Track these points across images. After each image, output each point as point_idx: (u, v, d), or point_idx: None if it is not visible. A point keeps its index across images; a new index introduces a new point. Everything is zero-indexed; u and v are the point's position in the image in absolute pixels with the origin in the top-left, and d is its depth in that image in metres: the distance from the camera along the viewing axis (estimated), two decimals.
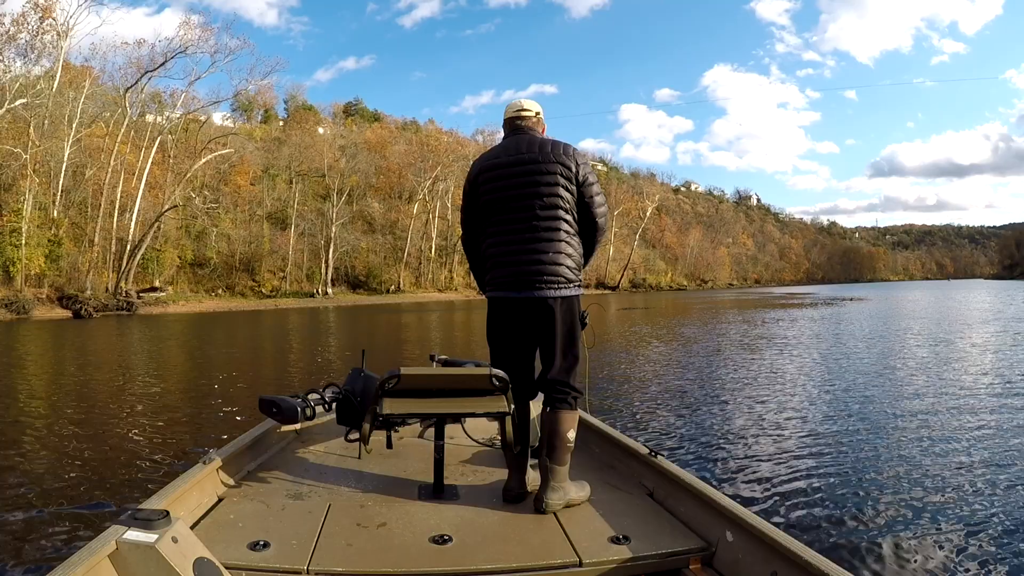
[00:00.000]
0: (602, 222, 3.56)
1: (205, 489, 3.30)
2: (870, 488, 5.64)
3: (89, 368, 15.33)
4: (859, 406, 9.25)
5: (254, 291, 62.31)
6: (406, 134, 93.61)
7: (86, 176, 49.77)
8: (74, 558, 2.11)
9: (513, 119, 3.61)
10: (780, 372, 12.70)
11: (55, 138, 45.40)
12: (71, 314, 40.04)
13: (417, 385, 3.35)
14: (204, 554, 2.33)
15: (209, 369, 14.87)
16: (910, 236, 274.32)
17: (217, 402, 10.24)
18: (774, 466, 6.34)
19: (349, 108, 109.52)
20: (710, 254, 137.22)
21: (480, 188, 3.57)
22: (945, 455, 6.66)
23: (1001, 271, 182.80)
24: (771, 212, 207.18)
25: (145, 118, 55.49)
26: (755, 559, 2.58)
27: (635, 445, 3.86)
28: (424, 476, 3.62)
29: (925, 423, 8.09)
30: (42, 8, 45.23)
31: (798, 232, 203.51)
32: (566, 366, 3.43)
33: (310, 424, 4.40)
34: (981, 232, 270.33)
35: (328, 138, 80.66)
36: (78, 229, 48.81)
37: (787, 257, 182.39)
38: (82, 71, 50.77)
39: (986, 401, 9.45)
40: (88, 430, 8.24)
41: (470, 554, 2.76)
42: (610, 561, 2.73)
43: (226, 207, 63.55)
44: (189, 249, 58.59)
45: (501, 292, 3.48)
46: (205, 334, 27.31)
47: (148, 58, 52.24)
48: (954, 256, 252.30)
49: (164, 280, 53.87)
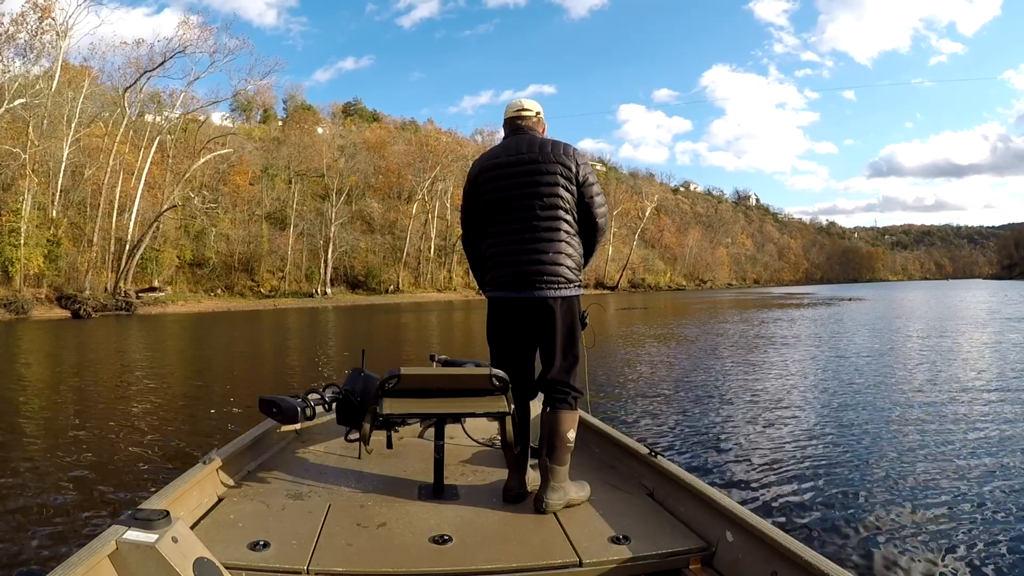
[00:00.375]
0: (602, 222, 3.56)
1: (205, 489, 3.30)
2: (870, 488, 5.63)
3: (88, 368, 15.33)
4: (859, 406, 9.25)
5: (253, 291, 62.28)
6: (405, 134, 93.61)
7: (85, 176, 49.73)
8: (74, 558, 2.11)
9: (513, 119, 3.60)
10: (779, 372, 12.70)
11: (54, 138, 45.35)
12: (70, 314, 39.99)
13: (417, 385, 3.34)
14: (204, 554, 2.33)
15: (208, 369, 14.88)
16: (909, 236, 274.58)
17: (216, 402, 10.21)
18: (774, 466, 6.34)
19: (348, 108, 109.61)
20: (709, 254, 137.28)
21: (480, 188, 3.56)
22: (946, 455, 6.66)
23: (1000, 271, 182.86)
24: (770, 212, 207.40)
25: (144, 118, 55.52)
26: (755, 559, 2.58)
27: (635, 445, 3.85)
28: (424, 476, 3.62)
29: (926, 423, 8.09)
30: (41, 8, 45.24)
31: (797, 232, 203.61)
32: (566, 366, 3.43)
33: (310, 424, 4.38)
34: (980, 232, 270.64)
35: (327, 138, 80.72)
36: (77, 229, 48.78)
37: (786, 257, 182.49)
38: (81, 71, 50.84)
39: (986, 401, 9.45)
40: (88, 430, 8.22)
41: (470, 554, 2.75)
42: (610, 561, 2.73)
43: (225, 207, 63.55)
44: (188, 249, 58.54)
45: (501, 292, 3.47)
46: (204, 334, 27.31)
47: (147, 58, 52.28)
48: (953, 256, 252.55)
49: (163, 280, 53.80)
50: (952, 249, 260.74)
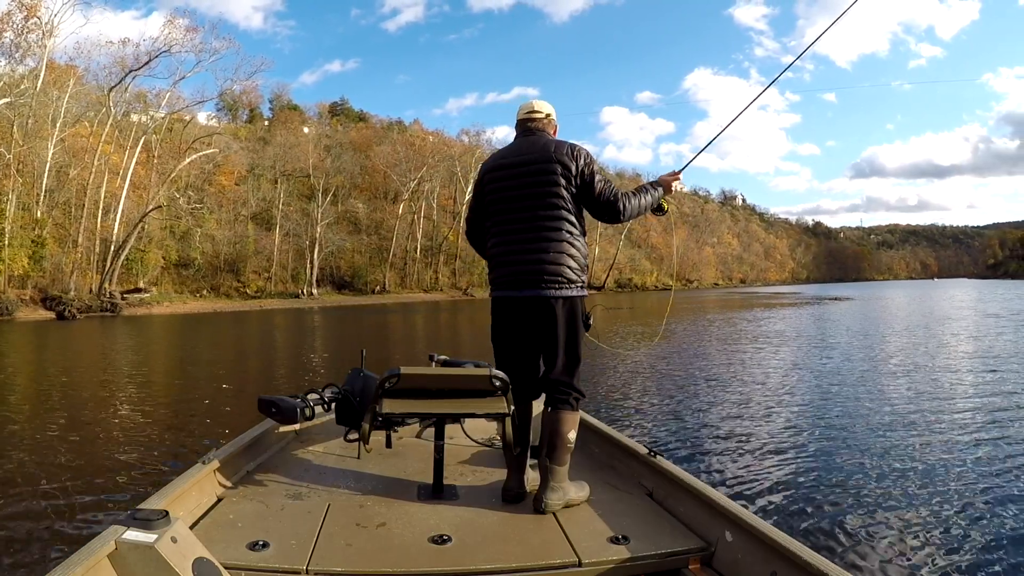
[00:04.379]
0: (610, 197, 3.45)
1: (204, 489, 3.29)
2: (870, 488, 5.67)
3: (80, 370, 15.25)
4: (859, 406, 9.31)
5: (239, 292, 62.12)
6: (391, 134, 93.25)
7: (70, 176, 49.29)
8: (73, 558, 2.10)
9: (524, 120, 3.62)
10: (779, 372, 12.81)
11: (39, 138, 45.00)
12: (55, 315, 39.71)
13: (417, 385, 3.34)
14: (203, 554, 2.32)
15: (199, 370, 14.81)
16: (895, 236, 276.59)
17: (210, 404, 10.21)
18: (774, 466, 6.38)
19: (335, 108, 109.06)
20: (695, 254, 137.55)
21: (486, 188, 3.59)
22: (947, 455, 6.70)
23: (985, 270, 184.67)
24: (756, 212, 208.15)
25: (130, 118, 55.12)
26: (755, 559, 2.58)
27: (634, 445, 3.86)
28: (424, 476, 3.61)
29: (927, 423, 8.15)
30: (27, 7, 44.88)
31: (783, 232, 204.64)
32: (568, 366, 3.43)
33: (309, 424, 4.39)
34: (965, 232, 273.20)
35: (313, 138, 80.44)
36: (62, 230, 48.42)
37: (772, 257, 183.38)
38: (66, 70, 50.41)
39: (987, 401, 9.52)
40: (85, 431, 8.22)
41: (469, 554, 2.75)
42: (609, 561, 2.73)
43: (210, 207, 63.24)
44: (173, 250, 58.28)
45: (503, 292, 3.49)
46: (192, 336, 27.17)
47: (133, 57, 52.04)
48: (939, 255, 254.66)
49: (148, 281, 53.50)
50: (938, 249, 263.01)
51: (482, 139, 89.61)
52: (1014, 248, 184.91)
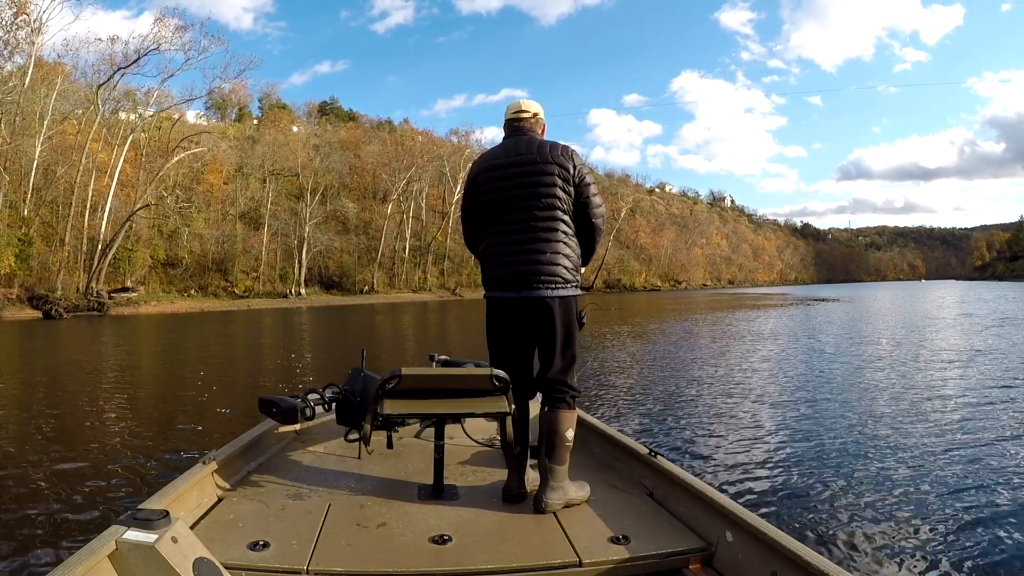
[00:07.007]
0: (599, 222, 3.59)
1: (205, 489, 3.29)
2: (870, 488, 5.69)
3: (73, 369, 15.16)
4: (859, 406, 9.36)
5: (227, 291, 61.74)
6: (380, 134, 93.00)
7: (57, 174, 48.96)
8: (74, 558, 2.11)
9: (512, 120, 3.61)
10: (779, 372, 12.87)
11: (26, 135, 44.69)
12: (41, 315, 39.35)
13: (418, 385, 3.34)
14: (204, 554, 2.33)
15: (192, 370, 14.73)
16: (883, 237, 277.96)
17: (200, 404, 10.17)
18: (774, 466, 6.40)
19: (324, 107, 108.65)
20: (684, 255, 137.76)
21: (479, 189, 3.58)
22: (948, 455, 6.73)
23: (972, 272, 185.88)
24: (744, 213, 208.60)
25: (118, 116, 54.76)
26: (755, 559, 2.60)
27: (635, 445, 3.87)
28: (424, 476, 3.62)
29: (928, 423, 8.19)
30: (16, 4, 44.54)
31: (771, 233, 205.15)
32: (564, 365, 3.44)
33: (310, 424, 4.40)
34: (953, 234, 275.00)
35: (302, 137, 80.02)
36: (49, 228, 48.10)
37: (761, 258, 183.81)
38: (54, 67, 50.09)
39: (987, 401, 9.58)
40: (83, 431, 8.18)
41: (470, 554, 2.76)
42: (610, 561, 2.74)
43: (199, 206, 62.75)
44: (161, 249, 57.88)
45: (499, 292, 3.49)
46: (180, 336, 27.00)
47: (121, 55, 51.58)
48: (927, 257, 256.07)
49: (136, 280, 53.19)
50: (926, 250, 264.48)
51: (471, 139, 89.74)
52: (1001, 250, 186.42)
